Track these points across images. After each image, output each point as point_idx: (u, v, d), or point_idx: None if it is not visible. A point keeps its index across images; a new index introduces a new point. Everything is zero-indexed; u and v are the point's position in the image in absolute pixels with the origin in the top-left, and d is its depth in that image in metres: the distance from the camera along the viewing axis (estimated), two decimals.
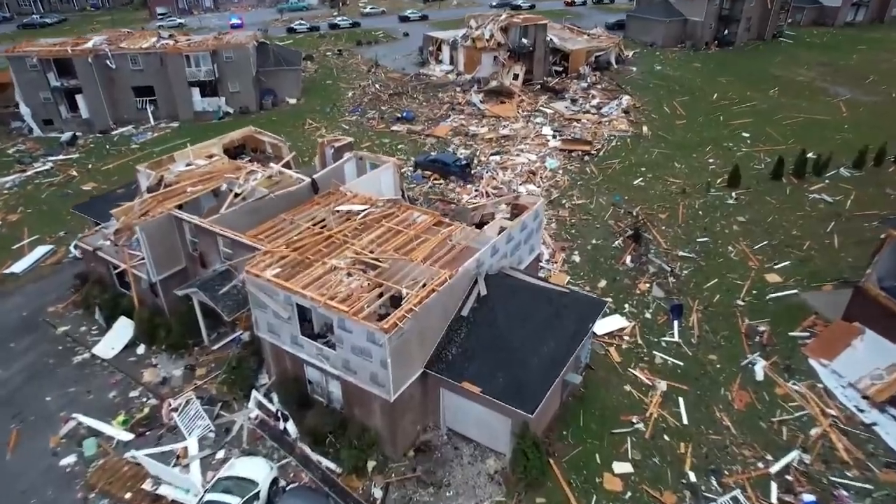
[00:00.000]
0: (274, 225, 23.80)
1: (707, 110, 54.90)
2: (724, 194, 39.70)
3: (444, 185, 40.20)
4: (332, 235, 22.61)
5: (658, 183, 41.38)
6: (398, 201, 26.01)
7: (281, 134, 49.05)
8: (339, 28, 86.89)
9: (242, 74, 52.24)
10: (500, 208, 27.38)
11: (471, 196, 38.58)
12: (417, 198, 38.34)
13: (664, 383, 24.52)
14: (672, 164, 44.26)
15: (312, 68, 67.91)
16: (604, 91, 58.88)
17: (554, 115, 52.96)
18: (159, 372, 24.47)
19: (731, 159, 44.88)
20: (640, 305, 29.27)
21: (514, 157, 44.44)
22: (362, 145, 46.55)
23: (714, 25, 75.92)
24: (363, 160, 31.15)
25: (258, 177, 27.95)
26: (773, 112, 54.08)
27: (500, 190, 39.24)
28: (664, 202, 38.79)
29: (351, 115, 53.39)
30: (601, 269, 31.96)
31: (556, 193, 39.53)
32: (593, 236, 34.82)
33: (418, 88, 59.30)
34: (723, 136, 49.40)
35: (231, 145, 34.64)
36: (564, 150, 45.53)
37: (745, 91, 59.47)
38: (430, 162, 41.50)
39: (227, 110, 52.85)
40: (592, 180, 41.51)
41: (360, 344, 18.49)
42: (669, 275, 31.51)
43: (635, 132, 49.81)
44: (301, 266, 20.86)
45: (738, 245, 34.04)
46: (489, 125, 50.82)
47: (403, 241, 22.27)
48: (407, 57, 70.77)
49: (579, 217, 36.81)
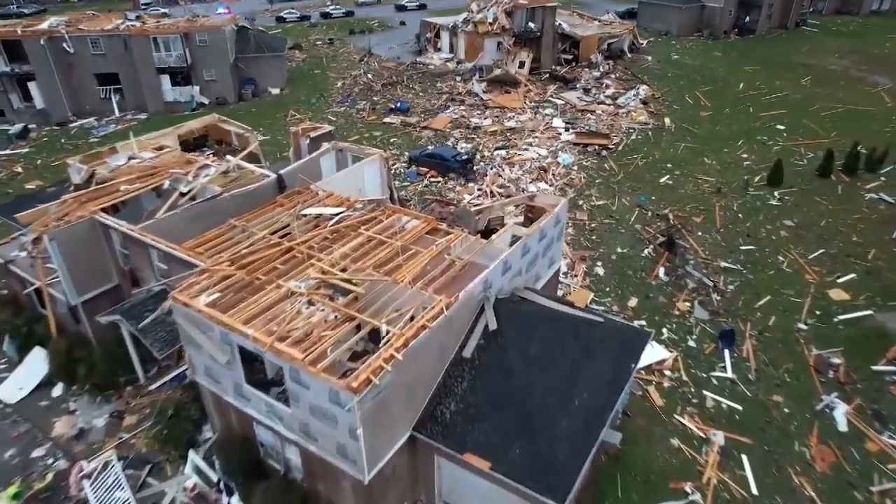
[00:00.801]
0: (220, 234, 18.48)
1: (734, 101, 49.55)
2: (765, 194, 34.38)
3: (442, 184, 34.89)
4: (293, 248, 17.31)
5: (688, 181, 36.04)
6: (382, 203, 20.70)
7: (260, 126, 43.91)
8: (332, 17, 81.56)
9: (218, 61, 46.95)
10: (510, 211, 22.10)
11: (473, 196, 33.26)
12: (410, 198, 33.04)
13: (721, 435, 19.21)
14: (701, 160, 38.92)
15: (300, 58, 62.60)
16: (618, 81, 53.53)
17: (565, 106, 47.63)
18: (76, 421, 19.15)
19: (767, 154, 39.57)
20: (680, 330, 23.95)
21: (522, 151, 39.11)
22: (350, 138, 41.20)
23: (734, 12, 70.53)
24: (344, 152, 25.83)
25: (211, 172, 22.66)
26: (808, 103, 48.71)
27: (508, 189, 33.93)
28: (697, 203, 33.46)
29: (339, 106, 48.10)
30: (630, 283, 26.64)
31: (571, 193, 34.20)
32: (618, 243, 29.50)
33: (414, 78, 53.98)
34: (755, 128, 44.05)
35: (190, 136, 29.33)
36: (579, 144, 40.20)
37: (773, 80, 54.10)
38: (427, 157, 36.19)
39: (202, 100, 47.54)
40: (612, 178, 36.18)
41: (321, 404, 13.20)
42: (712, 291, 26.19)
43: (657, 124, 44.49)
44: (249, 290, 15.59)
45: (790, 254, 28.73)
46: (493, 117, 45.50)
47: (387, 255, 16.96)
48: (403, 46, 65.44)
49: (600, 221, 31.49)
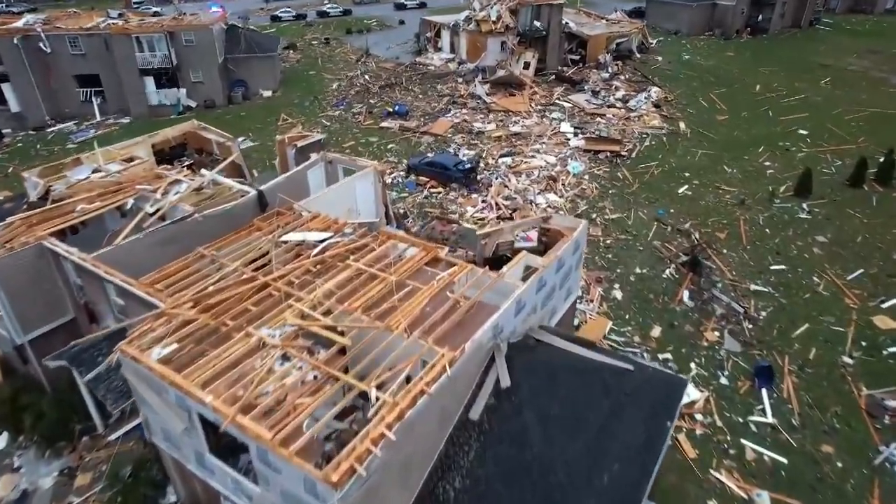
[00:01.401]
0: (186, 265, 15.87)
1: (751, 104, 46.92)
2: (793, 206, 31.78)
3: (443, 195, 32.28)
4: (268, 284, 14.72)
5: (708, 192, 33.43)
6: (375, 227, 18.12)
7: (250, 131, 41.36)
8: (329, 16, 78.95)
9: (206, 62, 44.36)
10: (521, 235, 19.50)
11: (477, 209, 30.65)
12: (410, 212, 30.44)
13: (766, 496, 16.61)
14: (721, 168, 36.30)
15: (295, 58, 60.03)
16: (628, 82, 50.91)
17: (573, 110, 45.02)
18: (19, 481, 16.56)
19: (791, 162, 36.99)
20: (710, 364, 21.35)
21: (529, 159, 36.49)
22: (344, 145, 38.71)
23: (746, 11, 67.92)
24: (334, 164, 23.26)
25: (182, 189, 20.07)
26: (831, 105, 46.10)
27: (514, 201, 31.31)
28: (720, 216, 30.85)
29: (334, 109, 45.48)
30: (652, 309, 24.03)
31: (583, 205, 31.59)
32: (636, 263, 26.89)
33: (414, 79, 51.36)
34: (775, 133, 41.43)
35: (166, 145, 26.77)
36: (589, 150, 37.58)
37: (791, 82, 51.48)
38: (427, 165, 33.58)
39: (189, 104, 44.95)
40: (627, 188, 33.56)
41: (295, 492, 10.61)
42: (743, 318, 23.57)
43: (671, 129, 41.86)
44: (213, 340, 13.00)
45: (826, 275, 26.12)
46: (497, 121, 42.90)
47: (379, 292, 14.34)
48: (402, 45, 62.85)
49: (616, 237, 28.87)
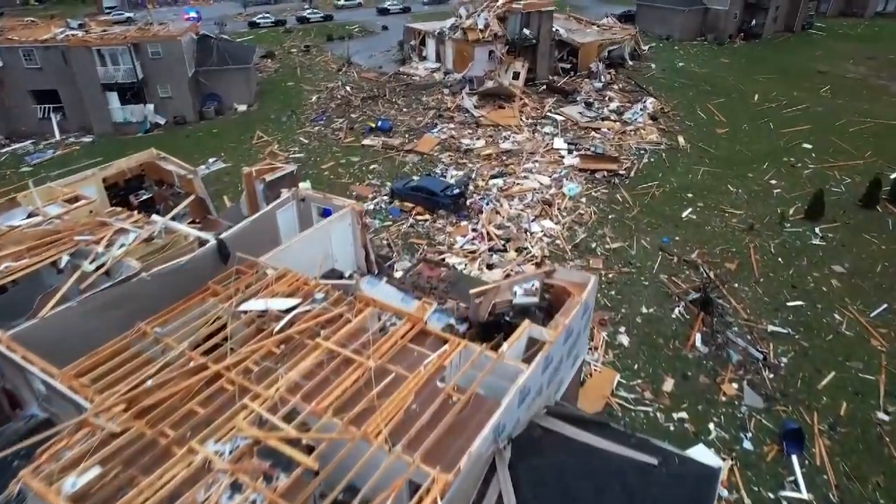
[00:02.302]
0: (123, 347, 13.24)
1: (751, 115, 44.98)
2: (804, 230, 29.73)
3: (430, 223, 29.82)
4: (220, 374, 12.15)
5: (713, 215, 31.27)
6: (352, 289, 15.58)
7: (221, 151, 38.60)
8: (309, 22, 76.11)
9: (175, 75, 41.51)
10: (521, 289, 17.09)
11: (467, 239, 28.20)
12: (394, 243, 27.94)
13: None
14: (725, 188, 34.20)
15: (272, 67, 57.20)
16: (622, 92, 48.79)
17: (566, 123, 42.74)
18: None
19: (799, 180, 35.02)
20: (731, 424, 19.11)
21: (521, 180, 34.13)
22: (323, 166, 36.08)
23: (739, 16, 66.19)
24: (307, 202, 20.72)
25: (129, 240, 17.41)
26: (833, 116, 44.26)
27: (507, 230, 28.90)
28: (728, 244, 28.70)
29: (313, 124, 42.81)
30: (662, 357, 21.75)
31: (581, 232, 29.29)
32: (642, 300, 24.61)
33: (397, 90, 48.83)
34: (779, 148, 39.45)
35: (121, 178, 23.96)
36: (585, 170, 35.30)
37: (790, 91, 49.64)
38: (412, 190, 31.09)
39: (157, 120, 42.07)
40: (627, 212, 31.31)
41: None
42: (763, 366, 21.41)
43: (670, 144, 39.73)
44: (146, 462, 10.41)
45: (847, 311, 24.04)
46: (486, 136, 40.50)
47: (355, 384, 11.82)
48: (385, 53, 60.26)
49: (619, 270, 26.58)
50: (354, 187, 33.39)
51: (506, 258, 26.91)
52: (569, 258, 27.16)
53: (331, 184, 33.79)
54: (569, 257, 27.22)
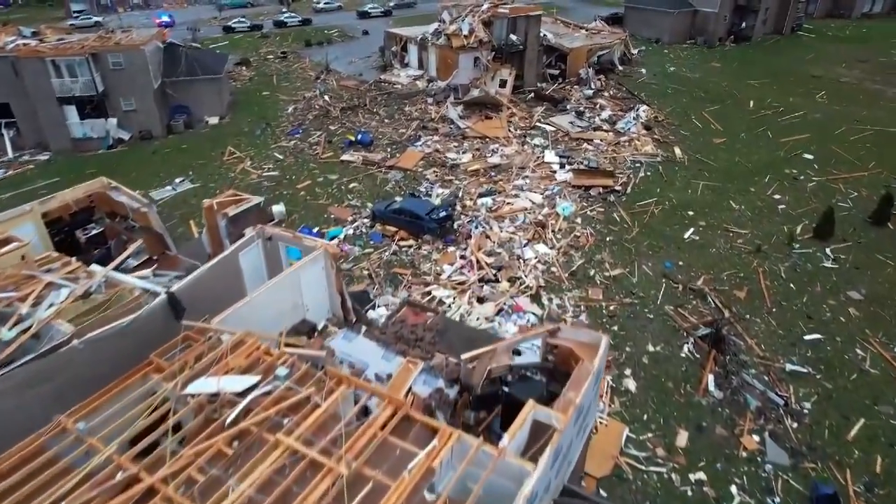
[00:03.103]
0: (35, 451, 10.77)
1: (747, 123, 43.24)
2: (814, 251, 27.87)
3: (414, 249, 27.51)
4: (155, 490, 9.76)
5: (717, 236, 29.31)
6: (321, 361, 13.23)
7: (190, 169, 35.93)
8: (287, 26, 73.34)
9: (139, 87, 38.76)
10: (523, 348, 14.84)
11: (455, 268, 25.92)
12: (375, 273, 25.57)
13: None
14: (727, 205, 32.28)
15: (247, 75, 54.47)
16: (613, 100, 46.84)
17: (556, 134, 40.66)
18: None
19: (803, 194, 33.25)
20: (755, 486, 17.04)
21: (512, 198, 31.94)
22: (299, 185, 33.59)
23: (729, 18, 64.68)
24: (274, 242, 18.35)
25: (60, 297, 14.91)
26: (832, 124, 42.67)
27: (499, 257, 26.67)
28: (735, 268, 26.73)
29: (289, 138, 40.26)
30: (672, 404, 19.66)
31: (578, 258, 27.15)
32: (648, 336, 22.52)
33: (378, 100, 46.46)
34: (779, 159, 37.69)
35: (66, 211, 21.38)
36: (579, 186, 33.20)
37: (785, 96, 48.04)
38: (395, 213, 28.73)
39: (121, 135, 39.27)
40: (626, 234, 29.23)
41: None
42: (784, 412, 19.41)
43: (666, 156, 37.78)
44: None
45: (870, 345, 22.16)
46: (473, 150, 38.26)
47: (322, 498, 9.52)
48: (365, 60, 57.78)
49: (620, 300, 24.46)
50: (333, 209, 30.98)
51: (498, 289, 24.68)
52: (566, 288, 24.98)
53: (307, 206, 31.35)
54: (566, 287, 25.04)
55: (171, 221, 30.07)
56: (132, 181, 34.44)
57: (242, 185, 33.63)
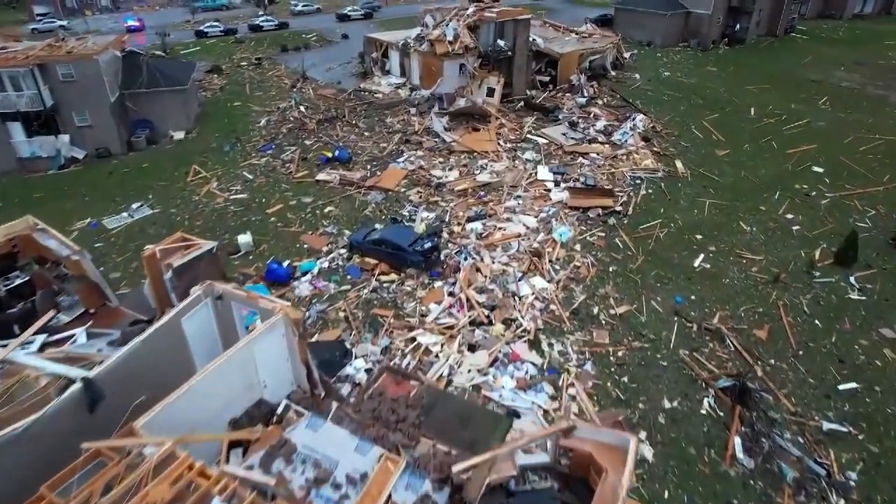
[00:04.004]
0: None
1: (750, 133, 40.81)
2: (837, 280, 25.35)
3: (397, 285, 24.57)
4: None
5: (730, 263, 26.69)
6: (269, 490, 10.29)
7: (150, 191, 32.63)
8: (263, 31, 69.95)
9: (94, 100, 35.41)
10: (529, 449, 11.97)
11: (442, 308, 23.01)
12: (352, 315, 22.56)
13: None
14: (737, 226, 29.72)
15: (218, 84, 51.09)
16: (608, 108, 44.22)
17: (549, 147, 37.92)
18: None
19: (817, 213, 30.82)
20: None
21: (504, 223, 29.11)
22: (270, 210, 30.47)
23: (722, 20, 62.46)
24: (226, 300, 15.35)
25: None
26: (838, 133, 40.41)
27: (491, 293, 23.81)
28: (752, 302, 24.11)
29: (260, 154, 37.10)
30: (696, 477, 16.92)
31: (579, 292, 24.36)
32: (663, 389, 19.79)
33: (358, 110, 43.43)
34: (787, 173, 35.25)
35: None
36: (576, 208, 30.46)
37: (787, 103, 45.77)
38: (375, 244, 25.74)
39: (74, 154, 35.85)
40: (630, 262, 26.51)
41: None
42: (828, 485, 16.77)
43: (668, 170, 35.17)
44: None
45: None
46: (460, 166, 35.40)
47: None
48: (345, 66, 54.68)
49: (628, 343, 21.72)
50: (306, 237, 27.93)
51: (491, 334, 21.82)
52: (567, 330, 22.19)
53: (278, 234, 28.26)
54: (567, 329, 22.26)
55: (125, 255, 26.91)
56: (84, 206, 31.31)
57: (207, 210, 30.48)
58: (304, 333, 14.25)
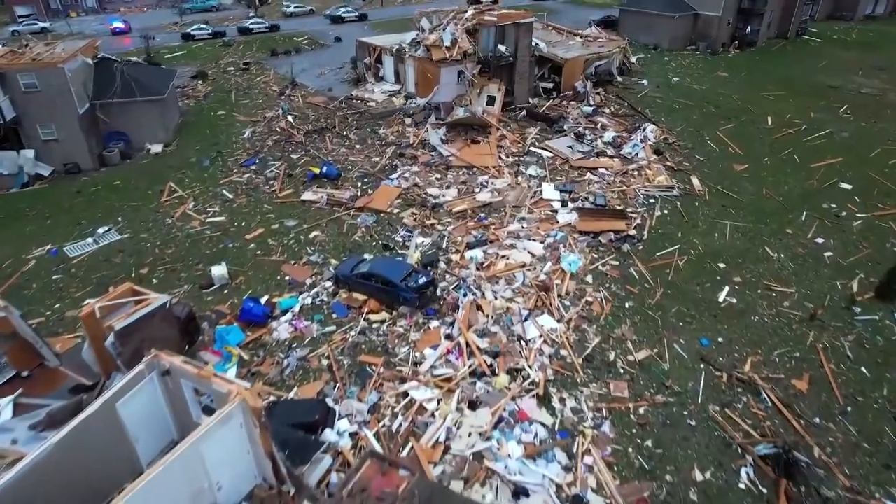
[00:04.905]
0: None
1: (769, 144, 38.12)
2: (881, 318, 22.66)
3: (388, 325, 21.86)
4: None
5: (758, 297, 23.99)
6: None
7: (119, 214, 29.86)
8: (252, 33, 67.09)
9: (61, 111, 32.65)
10: None
11: (438, 355, 20.29)
12: (337, 364, 19.81)
13: None
14: (762, 252, 27.03)
15: (203, 91, 48.29)
16: (616, 118, 41.52)
17: (554, 161, 35.22)
18: None
19: (850, 236, 28.18)
20: None
21: (507, 249, 26.40)
22: (248, 235, 27.71)
23: (732, 22, 59.76)
24: (175, 376, 12.63)
25: None
26: (864, 145, 37.75)
27: (494, 337, 21.11)
28: (787, 345, 21.41)
29: (243, 170, 34.33)
30: None
31: (593, 334, 21.65)
32: (692, 456, 17.07)
33: (349, 120, 40.69)
34: (813, 190, 32.57)
35: None
36: (586, 232, 27.75)
37: (805, 111, 43.09)
38: (363, 278, 23.00)
39: (39, 171, 33.07)
40: (648, 296, 23.80)
41: None
42: None
43: (684, 188, 32.48)
44: None
45: None
46: (458, 182, 32.70)
47: None
48: (336, 72, 51.88)
49: (650, 397, 19.02)
50: (288, 268, 25.20)
51: (494, 386, 19.13)
52: (581, 381, 19.50)
53: (257, 264, 25.51)
54: (581, 380, 19.56)
55: (85, 288, 24.16)
56: (46, 230, 28.55)
57: (181, 235, 27.72)
58: (265, 423, 11.56)
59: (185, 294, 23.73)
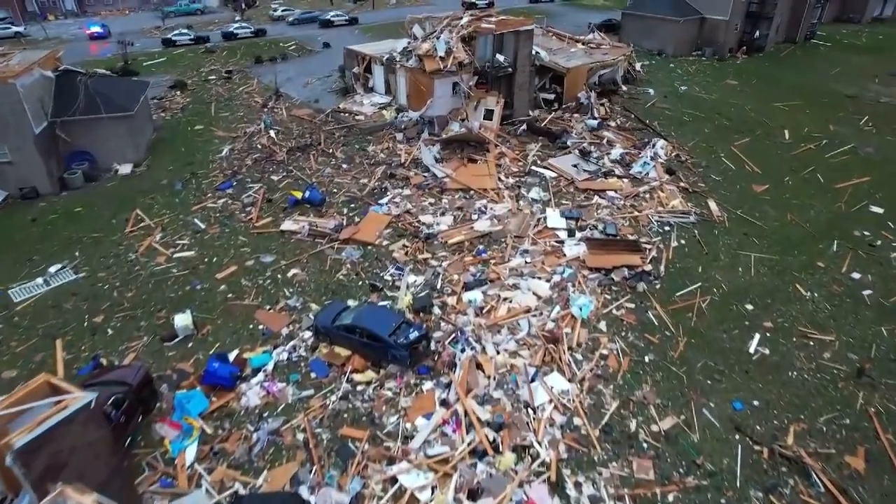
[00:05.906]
0: None
1: (789, 162, 35.43)
2: None
3: (375, 388, 18.98)
4: None
5: (794, 346, 21.23)
6: None
7: (77, 248, 26.70)
8: (237, 38, 63.94)
9: (14, 131, 29.56)
10: None
11: (433, 428, 17.40)
12: (315, 440, 16.87)
13: None
14: (794, 290, 24.27)
15: (181, 103, 45.18)
16: (623, 132, 38.69)
17: (558, 182, 32.40)
18: None
19: (889, 270, 25.53)
20: None
21: (509, 290, 23.53)
22: (220, 275, 24.68)
23: (740, 26, 57.08)
24: None
25: None
26: (892, 161, 35.11)
27: (498, 405, 18.24)
28: (834, 408, 18.65)
29: (218, 194, 31.31)
30: None
31: (610, 397, 18.80)
32: None
33: (336, 136, 37.74)
34: (841, 214, 29.89)
35: None
36: (598, 269, 24.89)
37: (824, 124, 40.45)
38: (346, 330, 20.06)
39: None
40: (669, 347, 21.00)
41: None
42: None
43: (700, 213, 29.71)
44: None
45: None
46: (454, 208, 29.81)
47: None
48: (323, 81, 48.86)
49: (680, 480, 16.19)
50: (262, 314, 22.25)
51: (499, 468, 16.29)
52: (599, 460, 16.68)
53: (226, 310, 22.52)
54: (599, 457, 16.73)
55: (29, 341, 21.14)
56: None
57: (144, 274, 24.71)
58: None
59: (144, 348, 20.76)
